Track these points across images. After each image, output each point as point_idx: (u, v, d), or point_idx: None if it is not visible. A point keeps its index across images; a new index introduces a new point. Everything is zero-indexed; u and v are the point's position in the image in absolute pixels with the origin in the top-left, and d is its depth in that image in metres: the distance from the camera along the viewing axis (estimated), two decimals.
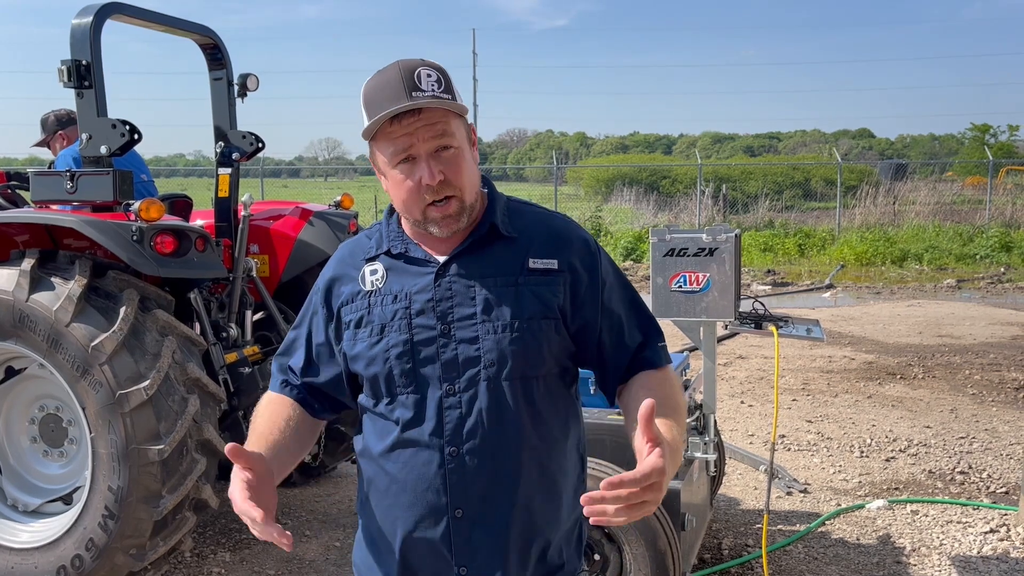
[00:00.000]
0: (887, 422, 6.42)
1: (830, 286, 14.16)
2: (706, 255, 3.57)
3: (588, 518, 1.36)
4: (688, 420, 3.69)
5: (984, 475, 5.28)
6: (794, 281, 14.73)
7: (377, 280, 1.68)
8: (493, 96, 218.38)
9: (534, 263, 1.66)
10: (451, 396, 1.62)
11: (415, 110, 1.55)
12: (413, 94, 1.54)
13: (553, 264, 1.67)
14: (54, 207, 3.96)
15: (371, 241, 1.75)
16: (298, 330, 1.82)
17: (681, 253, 3.60)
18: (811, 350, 8.91)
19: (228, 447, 1.46)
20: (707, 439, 3.72)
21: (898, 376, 7.84)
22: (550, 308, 1.65)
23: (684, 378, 4.00)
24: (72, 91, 3.80)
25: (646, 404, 1.38)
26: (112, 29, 3.96)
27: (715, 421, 3.83)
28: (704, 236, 3.59)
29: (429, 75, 1.58)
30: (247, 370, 4.32)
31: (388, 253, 1.71)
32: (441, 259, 1.67)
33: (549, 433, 1.67)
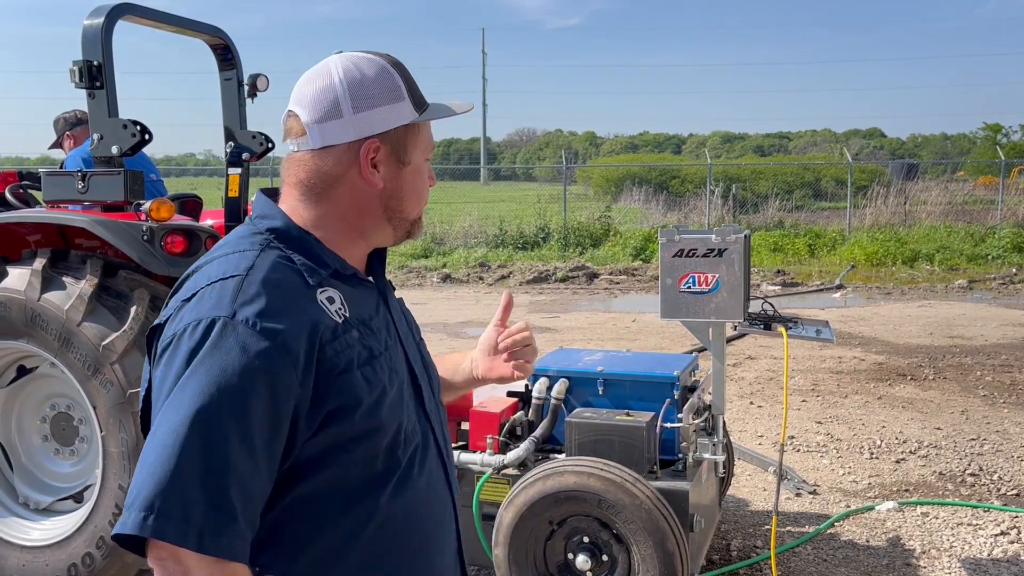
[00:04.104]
0: (897, 423, 6.39)
1: (840, 286, 14.11)
2: (715, 256, 3.56)
3: None
4: (697, 421, 3.68)
5: (995, 477, 5.25)
6: (804, 281, 14.68)
7: (340, 309, 1.36)
8: (503, 96, 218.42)
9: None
10: (432, 426, 1.51)
11: None
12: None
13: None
14: (66, 207, 3.98)
15: (294, 264, 1.35)
16: (253, 445, 1.21)
17: (690, 254, 3.59)
18: (821, 351, 8.88)
19: None
20: (716, 440, 3.71)
21: (908, 377, 7.81)
22: None
23: (693, 379, 4.00)
24: (84, 91, 3.83)
25: (508, 295, 1.72)
26: (123, 29, 3.98)
27: (724, 422, 3.82)
28: (713, 237, 3.58)
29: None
30: None
31: (336, 274, 1.41)
32: (363, 274, 1.49)
33: None
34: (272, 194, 1.47)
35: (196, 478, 1.15)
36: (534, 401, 3.84)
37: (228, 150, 4.63)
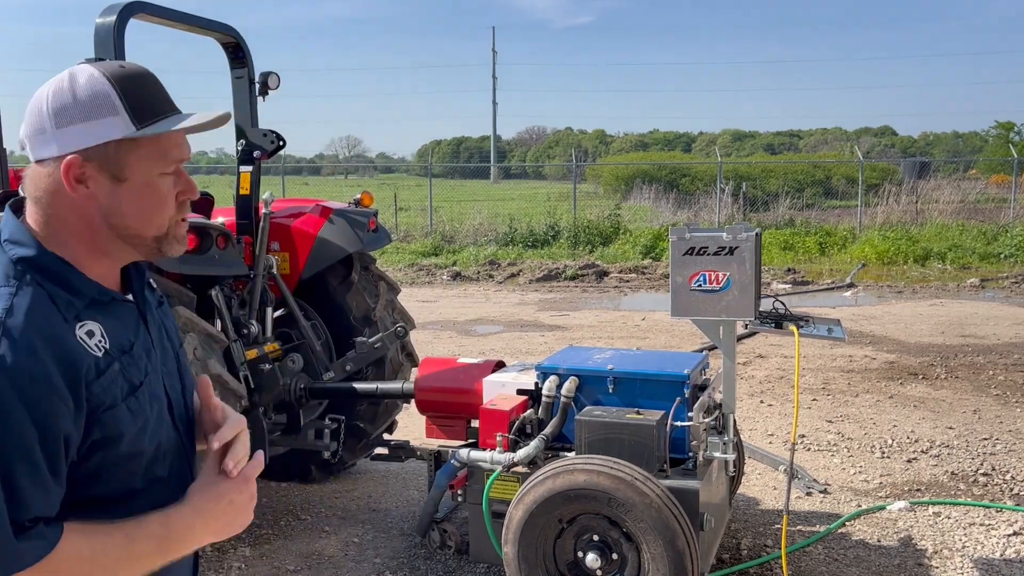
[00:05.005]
0: (909, 423, 6.36)
1: (851, 285, 14.05)
2: (726, 254, 3.55)
3: None
4: (707, 420, 3.68)
5: (1007, 477, 5.22)
6: (815, 280, 14.63)
7: (101, 342, 1.34)
8: (513, 94, 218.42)
9: (151, 282, 1.57)
10: (180, 433, 1.49)
11: None
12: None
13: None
14: None
15: (50, 298, 1.31)
16: (28, 461, 1.24)
17: (701, 252, 3.58)
18: (831, 349, 8.84)
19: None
20: (726, 439, 3.70)
21: (920, 376, 7.77)
22: None
23: (703, 377, 3.99)
24: None
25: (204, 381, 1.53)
26: (137, 28, 3.99)
27: (734, 421, 3.81)
28: (724, 235, 3.57)
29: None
30: (267, 367, 4.35)
31: (93, 302, 1.36)
32: (120, 294, 1.45)
33: None
34: (20, 206, 1.40)
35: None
36: (544, 399, 3.84)
37: (239, 148, 4.65)
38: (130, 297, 1.46)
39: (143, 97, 1.37)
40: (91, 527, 1.30)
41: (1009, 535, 4.39)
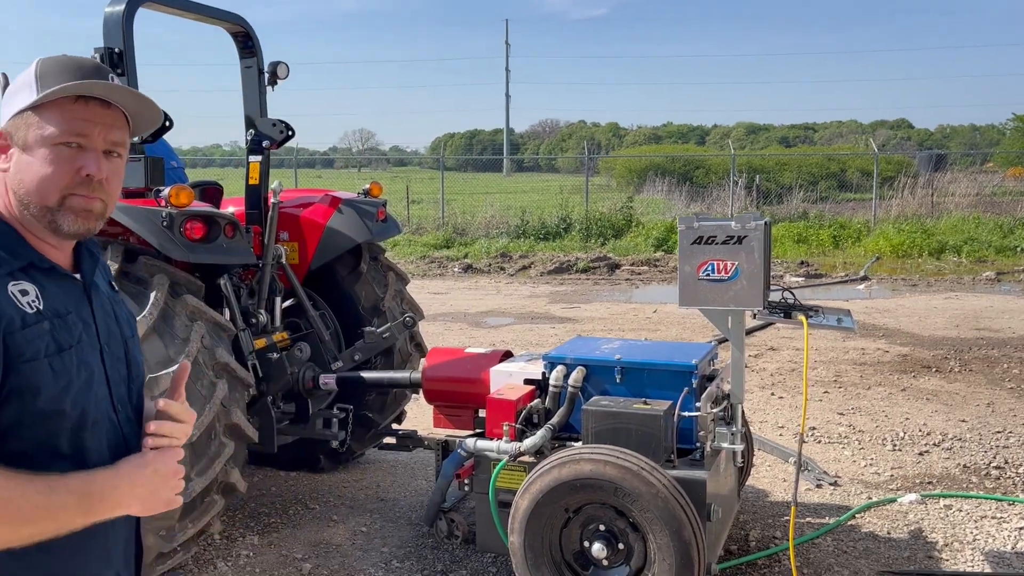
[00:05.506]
0: (921, 415, 6.32)
1: (865, 278, 13.96)
2: (735, 243, 3.53)
3: None
4: (715, 410, 3.66)
5: (1020, 470, 5.18)
6: (828, 273, 14.55)
7: (34, 301, 1.43)
8: (526, 87, 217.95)
9: (112, 282, 1.70)
10: (118, 415, 1.54)
11: (105, 103, 1.49)
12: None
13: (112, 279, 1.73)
14: None
15: None
16: None
17: (709, 241, 3.56)
18: (844, 342, 8.79)
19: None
20: (734, 429, 3.68)
21: (933, 369, 7.72)
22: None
23: (712, 368, 3.97)
24: None
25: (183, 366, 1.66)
26: (156, 22, 4.00)
27: (743, 411, 3.79)
28: (733, 224, 3.55)
29: (121, 85, 1.54)
30: (275, 356, 4.36)
31: (31, 267, 1.46)
32: (67, 269, 1.54)
33: None
34: None
35: None
36: (551, 389, 3.83)
37: (249, 138, 4.66)
38: (78, 276, 1.55)
39: (56, 72, 1.47)
40: (13, 472, 1.32)
41: (1021, 528, 4.35)
